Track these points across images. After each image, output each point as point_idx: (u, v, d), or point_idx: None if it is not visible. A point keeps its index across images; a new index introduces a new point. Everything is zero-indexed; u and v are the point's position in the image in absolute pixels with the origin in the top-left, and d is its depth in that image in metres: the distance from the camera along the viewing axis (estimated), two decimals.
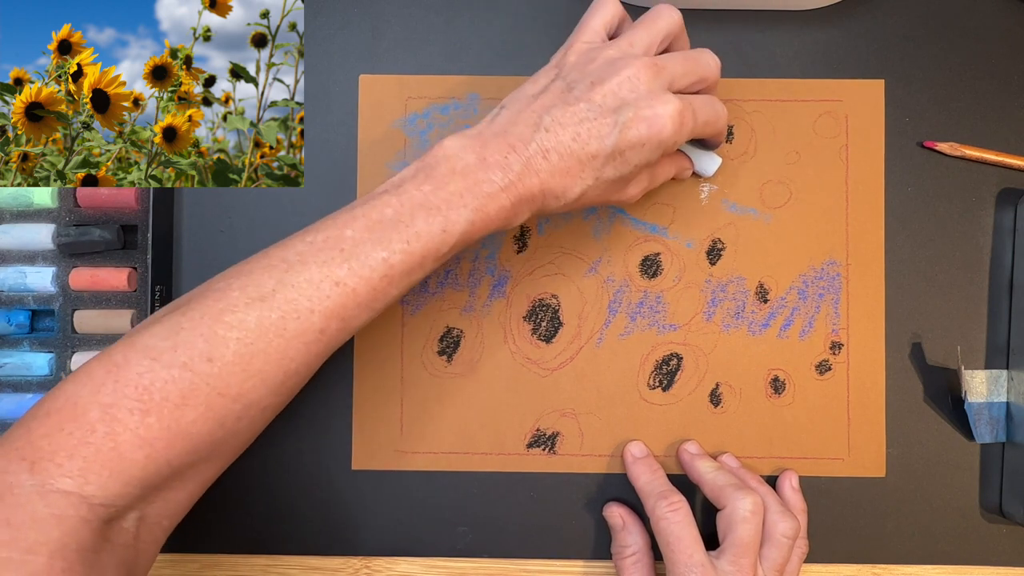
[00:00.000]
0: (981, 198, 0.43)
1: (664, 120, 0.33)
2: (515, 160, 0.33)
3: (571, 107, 0.34)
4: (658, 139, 0.34)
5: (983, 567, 0.43)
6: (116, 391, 0.30)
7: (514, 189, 0.33)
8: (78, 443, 0.29)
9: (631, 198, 0.38)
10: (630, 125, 0.33)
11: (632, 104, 0.33)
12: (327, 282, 0.32)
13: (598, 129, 0.33)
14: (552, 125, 0.33)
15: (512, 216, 0.34)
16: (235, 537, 0.43)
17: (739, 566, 0.36)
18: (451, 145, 0.34)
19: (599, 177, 0.34)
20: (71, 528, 0.28)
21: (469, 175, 0.33)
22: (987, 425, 0.42)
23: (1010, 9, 0.44)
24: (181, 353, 0.30)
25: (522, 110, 0.34)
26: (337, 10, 0.44)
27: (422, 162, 0.34)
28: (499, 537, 0.43)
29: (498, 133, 0.34)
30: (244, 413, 0.32)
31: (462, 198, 0.33)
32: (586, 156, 0.34)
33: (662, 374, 0.43)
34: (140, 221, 0.42)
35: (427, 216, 0.32)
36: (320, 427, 0.43)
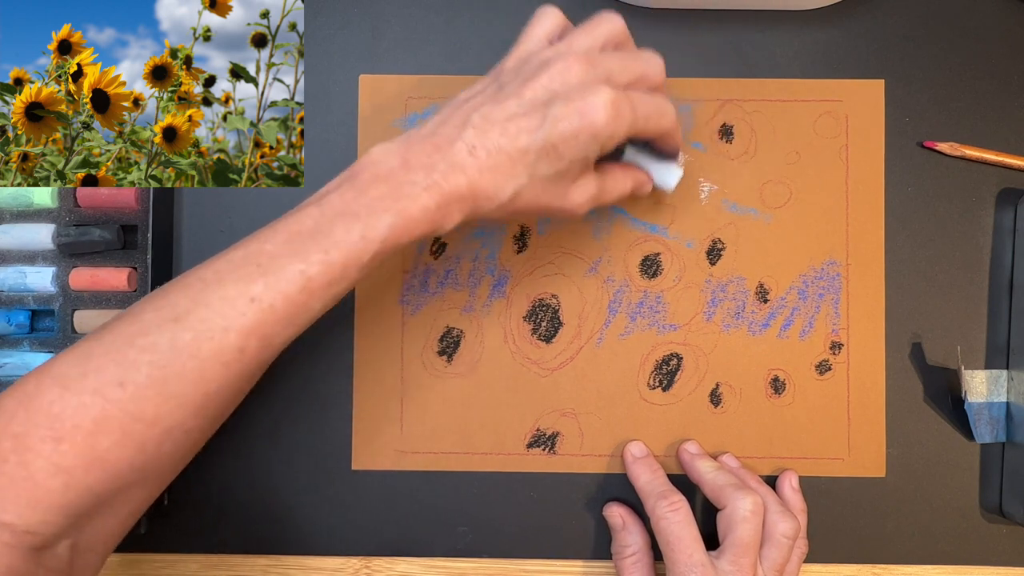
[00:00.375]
0: (981, 198, 0.43)
1: (597, 109, 0.32)
2: (439, 160, 0.32)
3: (500, 104, 0.33)
4: (591, 130, 0.32)
5: (983, 567, 0.43)
6: (27, 420, 0.29)
7: (438, 189, 0.32)
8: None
9: (577, 207, 0.35)
10: (561, 117, 0.32)
11: (563, 96, 0.32)
12: (242, 299, 0.31)
13: (528, 123, 0.32)
14: (480, 122, 0.32)
15: (440, 219, 0.33)
16: (235, 537, 0.43)
17: (739, 566, 0.36)
18: (376, 151, 0.33)
19: (533, 174, 0.33)
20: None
21: (392, 179, 0.32)
22: (987, 425, 0.42)
23: (1010, 9, 0.44)
24: (92, 379, 0.30)
25: (452, 112, 0.34)
26: (337, 10, 0.44)
27: (349, 171, 0.33)
28: (499, 537, 0.43)
29: (425, 135, 0.33)
30: (165, 438, 0.31)
31: (382, 202, 0.32)
32: (516, 152, 0.32)
33: (662, 374, 0.43)
34: (140, 221, 0.42)
35: (346, 224, 0.31)
36: (320, 427, 0.43)
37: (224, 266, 0.32)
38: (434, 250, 0.44)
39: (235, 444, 0.43)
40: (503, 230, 0.44)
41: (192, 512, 0.43)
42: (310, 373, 0.43)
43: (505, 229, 0.44)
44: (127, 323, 0.31)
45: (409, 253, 0.43)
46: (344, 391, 0.43)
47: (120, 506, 0.32)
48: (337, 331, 0.43)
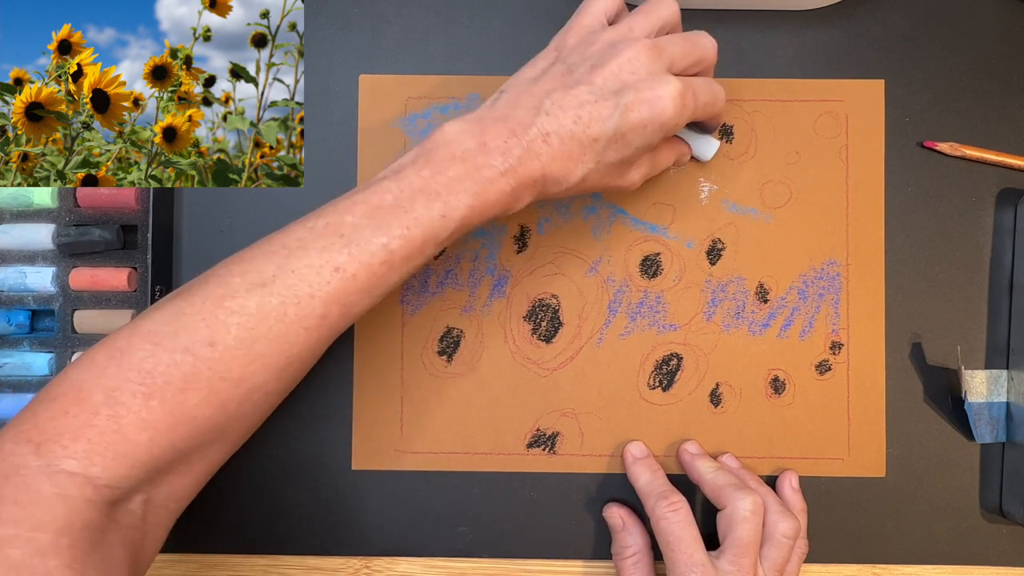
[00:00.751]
0: (981, 198, 0.43)
1: (666, 101, 0.33)
2: (515, 144, 0.33)
3: (572, 90, 0.33)
4: (660, 121, 0.33)
5: (983, 567, 0.43)
6: (119, 375, 0.30)
7: (514, 174, 0.33)
8: (82, 425, 0.30)
9: (632, 184, 0.37)
10: (632, 107, 0.33)
11: (633, 86, 0.33)
12: (327, 268, 0.32)
13: (599, 112, 0.33)
14: (553, 108, 0.33)
15: (513, 201, 0.34)
16: (235, 537, 0.43)
17: (739, 566, 0.36)
18: (451, 130, 0.34)
19: (601, 160, 0.34)
20: (76, 507, 0.29)
21: (469, 160, 0.33)
22: (987, 425, 0.42)
23: (1010, 9, 0.44)
24: (183, 338, 0.31)
25: (522, 94, 0.34)
26: (337, 10, 0.44)
27: (422, 147, 0.34)
28: (499, 537, 0.43)
29: (498, 118, 0.34)
30: (247, 397, 0.32)
31: (462, 183, 0.33)
32: (588, 139, 0.33)
33: (662, 374, 0.43)
34: (140, 221, 0.42)
35: (426, 201, 0.32)
36: (320, 427, 0.43)
37: (307, 234, 0.33)
38: None
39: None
40: (503, 230, 0.44)
41: (192, 512, 0.43)
42: (310, 374, 0.43)
43: (505, 229, 0.44)
44: (215, 285, 0.32)
45: None
46: (344, 391, 0.43)
47: (196, 463, 0.33)
48: None
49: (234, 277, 0.32)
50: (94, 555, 0.29)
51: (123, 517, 0.31)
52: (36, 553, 0.28)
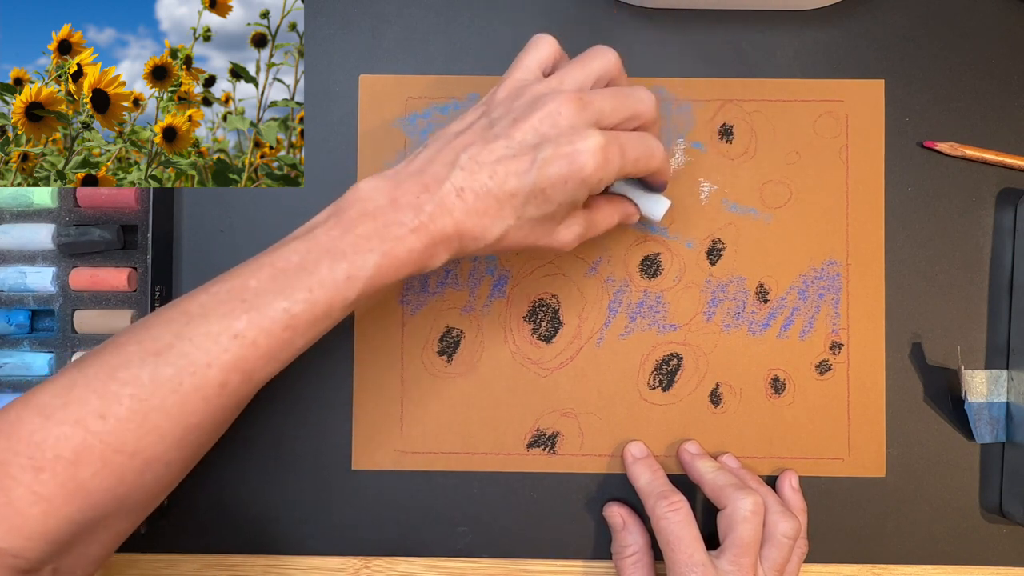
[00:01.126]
0: (981, 198, 0.43)
1: (585, 156, 0.32)
2: (427, 200, 0.32)
3: (489, 144, 0.32)
4: (580, 176, 0.32)
5: (983, 567, 0.43)
6: (8, 448, 0.30)
7: (425, 230, 0.32)
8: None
9: (564, 244, 0.36)
10: (549, 162, 0.32)
11: (553, 140, 0.32)
12: (226, 335, 0.31)
13: (516, 167, 0.32)
14: (468, 163, 0.32)
15: (426, 259, 0.33)
16: (235, 537, 0.43)
17: (739, 566, 0.36)
18: (365, 187, 0.33)
19: (521, 217, 0.33)
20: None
21: (379, 217, 0.32)
22: (987, 425, 0.42)
23: (1010, 9, 0.44)
24: (73, 410, 0.30)
25: (441, 149, 0.33)
26: (337, 10, 0.44)
27: (336, 205, 0.33)
28: (499, 537, 0.43)
29: (413, 173, 0.33)
30: (145, 469, 0.31)
31: (369, 241, 0.32)
32: (504, 195, 0.32)
33: (662, 374, 0.43)
34: (140, 221, 0.42)
35: (331, 262, 0.31)
36: (320, 427, 0.43)
37: (208, 300, 0.32)
38: None
39: (235, 444, 0.43)
40: None
41: (192, 512, 0.43)
42: (310, 373, 0.43)
43: None
44: (109, 354, 0.31)
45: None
46: (344, 391, 0.43)
47: (101, 534, 0.32)
48: (337, 331, 0.43)
49: (130, 345, 0.31)
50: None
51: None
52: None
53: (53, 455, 0.30)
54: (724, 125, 0.44)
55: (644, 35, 0.43)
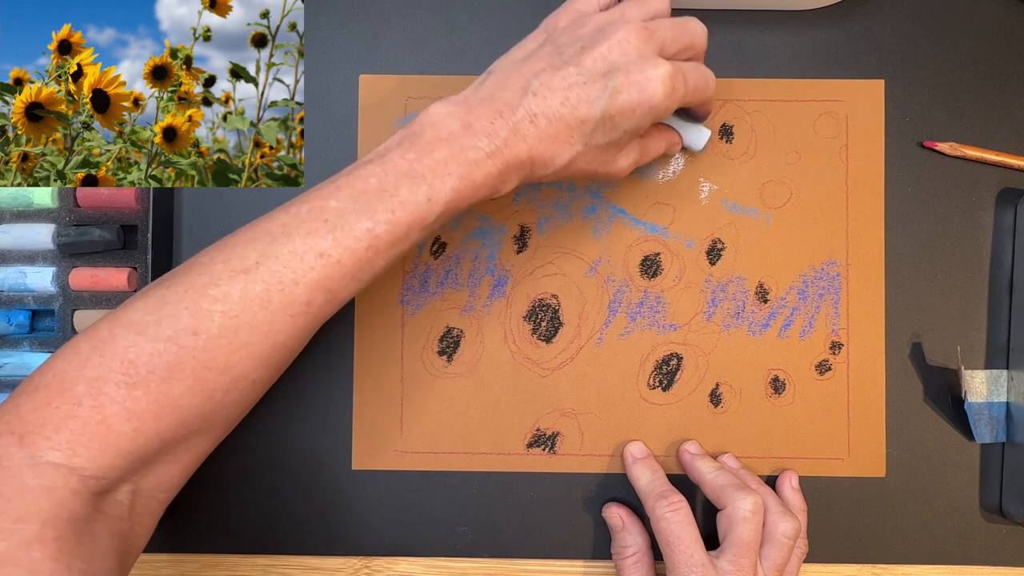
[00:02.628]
0: (981, 198, 0.43)
1: (655, 84, 0.33)
2: (502, 126, 0.33)
3: (560, 71, 0.33)
4: (649, 104, 0.33)
5: (983, 567, 0.43)
6: (102, 365, 0.30)
7: (501, 155, 0.33)
8: (65, 416, 0.30)
9: (620, 171, 0.37)
10: (620, 89, 0.33)
11: (622, 68, 0.33)
12: (311, 253, 0.31)
13: (588, 93, 0.33)
14: (540, 89, 0.33)
15: (499, 184, 0.34)
16: (235, 537, 0.43)
17: (739, 566, 0.36)
18: (436, 111, 0.33)
19: (588, 143, 0.34)
20: (61, 499, 0.29)
21: (454, 142, 0.32)
22: (987, 425, 0.42)
23: (1010, 9, 0.44)
24: (166, 327, 0.31)
25: (510, 74, 0.34)
26: (337, 10, 0.44)
27: (408, 130, 0.34)
28: (499, 537, 0.43)
29: (484, 99, 0.33)
30: (232, 386, 0.32)
31: (447, 165, 0.32)
32: (575, 121, 0.33)
33: (662, 374, 0.43)
34: (140, 221, 0.42)
35: (411, 185, 0.32)
36: (320, 427, 0.43)
37: (290, 220, 0.32)
38: (434, 250, 0.44)
39: (235, 444, 0.43)
40: (503, 230, 0.44)
41: (192, 512, 0.43)
42: (310, 373, 0.43)
43: (505, 229, 0.44)
44: (197, 273, 0.32)
45: (409, 253, 0.43)
46: (344, 391, 0.43)
47: (183, 453, 0.33)
48: (337, 331, 0.43)
49: (217, 264, 0.32)
50: (80, 546, 0.29)
51: (110, 507, 0.31)
52: (21, 545, 0.27)
53: (147, 371, 0.30)
54: (724, 125, 0.44)
55: None
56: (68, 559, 0.28)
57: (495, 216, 0.44)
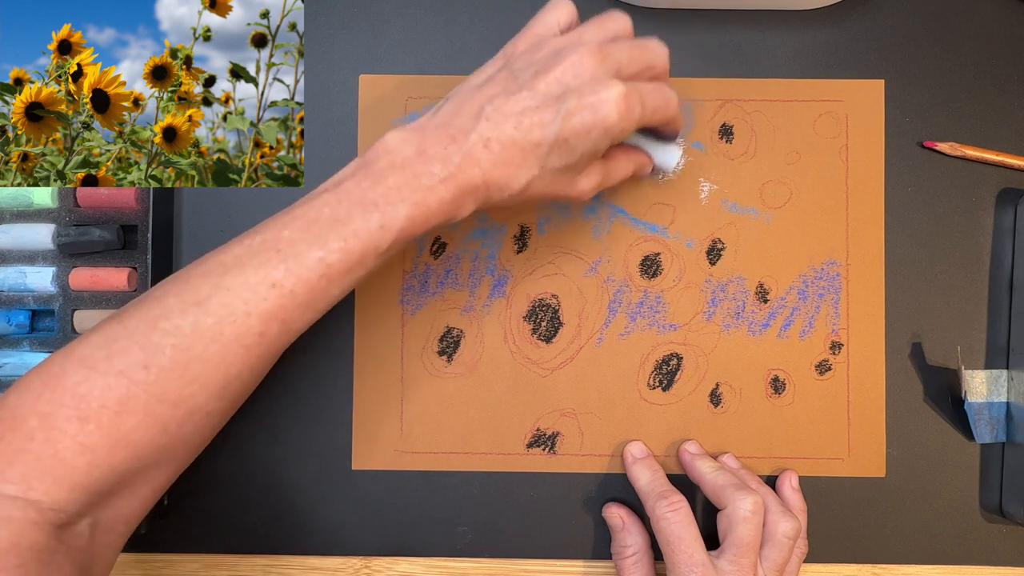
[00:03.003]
0: (981, 198, 0.43)
1: (609, 105, 0.32)
2: (455, 151, 0.33)
3: (513, 96, 0.33)
4: (603, 126, 0.33)
5: (983, 567, 0.43)
6: (53, 400, 0.30)
7: (454, 181, 0.32)
8: (17, 451, 0.30)
9: (583, 193, 0.36)
10: (574, 112, 0.32)
11: (576, 91, 0.33)
12: (263, 284, 0.31)
13: (541, 117, 0.32)
14: (494, 114, 0.33)
15: (454, 209, 0.33)
16: (235, 537, 0.43)
17: (739, 566, 0.36)
18: (391, 139, 0.33)
19: (544, 167, 0.34)
20: (20, 529, 0.29)
21: (408, 168, 0.32)
22: (987, 425, 0.42)
23: (1010, 9, 0.44)
24: (117, 361, 0.31)
25: (465, 100, 0.34)
26: (337, 10, 0.44)
27: (363, 158, 0.34)
28: (499, 537, 0.43)
29: (439, 125, 0.33)
30: (187, 419, 0.32)
31: (400, 192, 0.32)
32: (529, 145, 0.33)
33: (662, 374, 0.43)
34: (140, 221, 0.42)
35: (364, 213, 0.32)
36: (320, 427, 0.43)
37: (243, 251, 0.32)
38: (434, 250, 0.44)
39: (235, 444, 0.43)
40: (503, 230, 0.44)
41: (192, 512, 0.43)
42: (310, 373, 0.43)
43: (505, 229, 0.44)
44: (149, 306, 0.32)
45: (409, 253, 0.43)
46: (344, 391, 0.43)
47: (141, 486, 0.33)
48: (337, 331, 0.43)
49: (169, 298, 0.32)
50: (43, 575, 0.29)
51: (71, 539, 0.31)
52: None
53: (98, 405, 0.30)
54: (724, 125, 0.44)
55: (644, 35, 0.43)
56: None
57: (495, 216, 0.44)
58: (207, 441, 0.35)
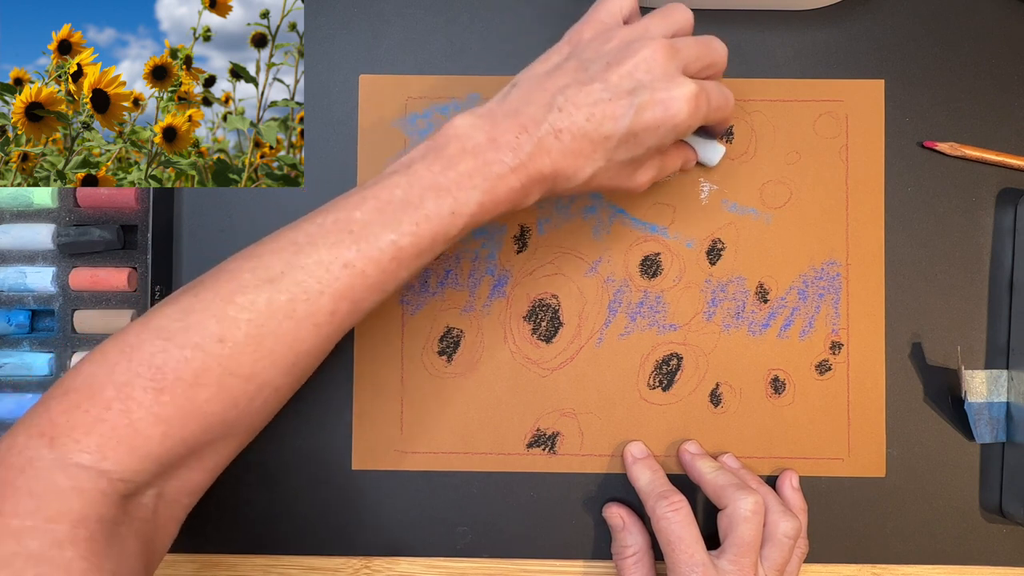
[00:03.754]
0: (981, 198, 0.43)
1: (680, 103, 0.33)
2: (527, 140, 0.33)
3: (586, 87, 0.33)
4: (673, 122, 0.33)
5: (983, 567, 0.43)
6: (130, 370, 0.31)
7: (524, 170, 0.33)
8: (94, 420, 0.30)
9: (639, 186, 0.37)
10: (646, 107, 0.33)
11: (648, 86, 0.33)
12: (336, 264, 0.32)
13: (613, 110, 0.33)
14: (566, 105, 0.33)
15: (522, 198, 0.34)
16: (235, 537, 0.43)
17: (740, 565, 0.36)
18: (461, 124, 0.33)
19: (611, 159, 0.34)
20: (91, 500, 0.29)
21: (479, 155, 0.33)
22: (987, 425, 0.42)
23: (1010, 9, 0.44)
24: (193, 334, 0.31)
25: (534, 88, 0.34)
26: (337, 10, 0.44)
27: (432, 141, 0.34)
28: (499, 537, 0.43)
29: (509, 113, 0.33)
30: (257, 394, 0.32)
31: (471, 179, 0.32)
32: (599, 137, 0.33)
33: (662, 374, 0.43)
34: (140, 221, 0.42)
35: (436, 198, 0.32)
36: (320, 427, 0.43)
37: (315, 230, 0.32)
38: None
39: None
40: (503, 230, 0.44)
41: (192, 512, 0.43)
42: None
43: (505, 229, 0.44)
44: (224, 281, 0.32)
45: None
46: (344, 391, 0.43)
47: (207, 458, 0.33)
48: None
49: (244, 273, 0.32)
50: (110, 548, 0.29)
51: (136, 511, 0.31)
52: (53, 544, 0.28)
53: (174, 377, 0.31)
54: None
55: None
56: (99, 560, 0.29)
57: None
58: (271, 416, 0.35)
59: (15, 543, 0.28)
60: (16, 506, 0.28)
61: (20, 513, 0.28)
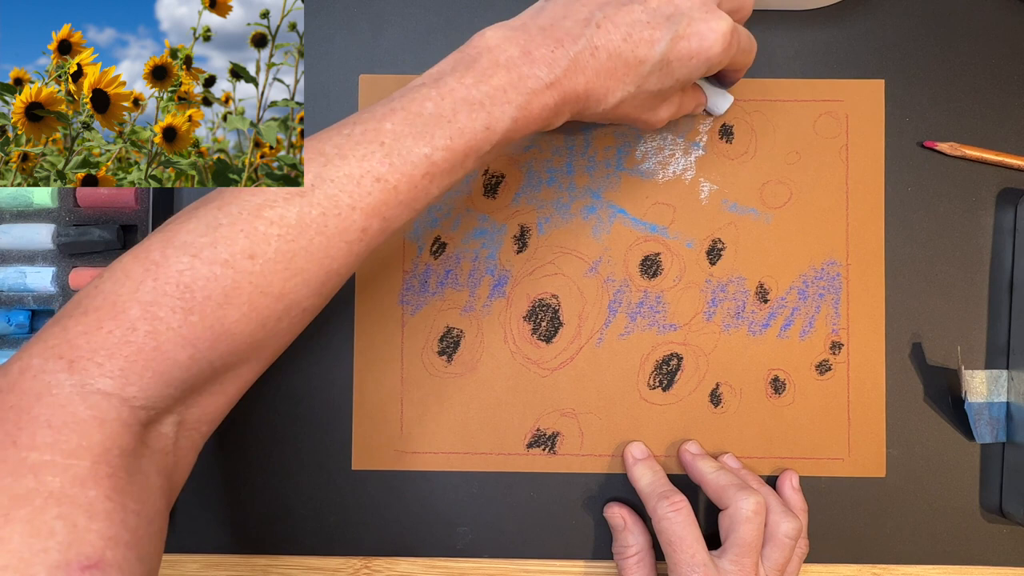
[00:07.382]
0: (981, 198, 0.43)
1: (716, 36, 0.33)
2: (562, 55, 0.31)
3: (625, 7, 0.32)
4: (706, 55, 0.33)
5: (983, 567, 0.43)
6: (156, 289, 0.28)
7: (559, 87, 0.32)
8: (119, 342, 0.27)
9: (659, 121, 0.37)
10: (683, 36, 0.33)
11: (687, 14, 0.33)
12: (368, 178, 0.30)
13: (651, 34, 0.32)
14: (604, 22, 0.32)
15: (553, 116, 0.33)
16: (235, 537, 0.43)
17: (741, 565, 0.36)
18: (493, 36, 0.32)
19: (641, 86, 0.33)
20: (113, 432, 0.27)
21: (513, 69, 0.31)
22: (987, 425, 0.42)
23: (1010, 9, 0.44)
24: (222, 250, 0.29)
25: (571, 3, 0.33)
26: (337, 10, 0.44)
27: (461, 54, 0.32)
28: (499, 537, 0.43)
29: (544, 26, 0.32)
30: (285, 313, 0.30)
31: (506, 94, 0.31)
32: (634, 60, 0.32)
33: (662, 374, 0.43)
34: (140, 221, 0.42)
35: (470, 112, 0.31)
36: (320, 427, 0.43)
37: (343, 141, 0.30)
38: (434, 250, 0.44)
39: (235, 444, 0.43)
40: (503, 230, 0.44)
41: (192, 512, 0.43)
42: (310, 373, 0.43)
43: (505, 229, 0.44)
44: (249, 193, 0.30)
45: (409, 253, 0.43)
46: (344, 391, 0.43)
47: (229, 382, 0.31)
48: (337, 331, 0.43)
49: None
50: (132, 484, 0.27)
51: (156, 441, 0.29)
52: (75, 482, 0.26)
53: (203, 296, 0.28)
54: (724, 125, 0.44)
55: None
56: (123, 498, 0.27)
57: (495, 216, 0.44)
58: (295, 336, 0.33)
59: (34, 479, 0.25)
60: (33, 438, 0.26)
61: (38, 446, 0.26)
